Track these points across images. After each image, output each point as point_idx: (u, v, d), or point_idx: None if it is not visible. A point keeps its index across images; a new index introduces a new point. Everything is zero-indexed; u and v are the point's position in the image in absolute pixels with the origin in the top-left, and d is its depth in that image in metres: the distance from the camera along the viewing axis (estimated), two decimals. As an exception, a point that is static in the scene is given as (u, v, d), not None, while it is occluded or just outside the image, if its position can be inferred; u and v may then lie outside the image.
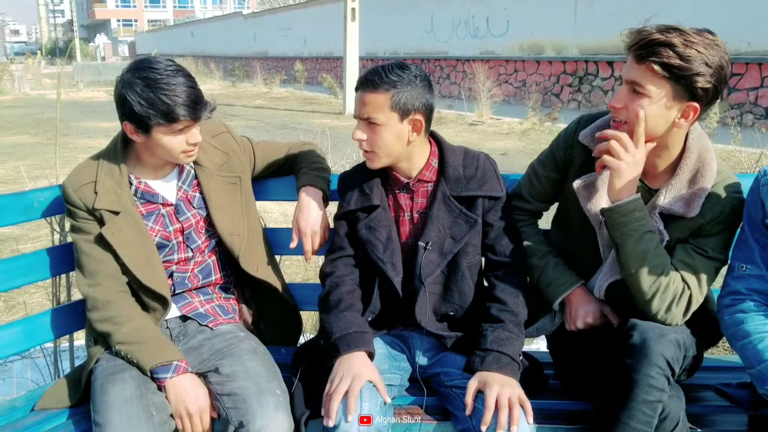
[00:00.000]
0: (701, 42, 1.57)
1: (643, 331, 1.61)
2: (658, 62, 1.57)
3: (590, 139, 1.82)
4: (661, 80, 1.59)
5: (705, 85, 1.58)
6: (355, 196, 1.87)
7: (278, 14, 31.08)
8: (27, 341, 1.98)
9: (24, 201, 1.96)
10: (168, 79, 1.69)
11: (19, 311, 3.74)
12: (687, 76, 1.57)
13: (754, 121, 11.30)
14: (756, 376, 1.61)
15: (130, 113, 1.71)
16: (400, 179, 1.85)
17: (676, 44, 1.56)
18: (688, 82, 1.58)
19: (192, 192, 1.94)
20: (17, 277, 1.95)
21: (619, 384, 1.59)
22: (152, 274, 1.84)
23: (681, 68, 1.56)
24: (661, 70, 1.58)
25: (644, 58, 1.59)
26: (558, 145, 1.93)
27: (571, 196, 1.85)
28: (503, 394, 1.58)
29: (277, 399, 1.69)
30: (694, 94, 1.60)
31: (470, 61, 18.09)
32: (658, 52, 1.57)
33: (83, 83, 25.42)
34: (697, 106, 1.62)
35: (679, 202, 1.72)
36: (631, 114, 1.65)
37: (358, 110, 1.76)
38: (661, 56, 1.57)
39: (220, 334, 1.92)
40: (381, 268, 1.81)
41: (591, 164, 1.80)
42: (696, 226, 1.72)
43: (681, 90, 1.60)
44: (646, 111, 1.62)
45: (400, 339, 1.93)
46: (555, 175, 1.94)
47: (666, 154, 1.74)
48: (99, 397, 1.68)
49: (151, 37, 55.42)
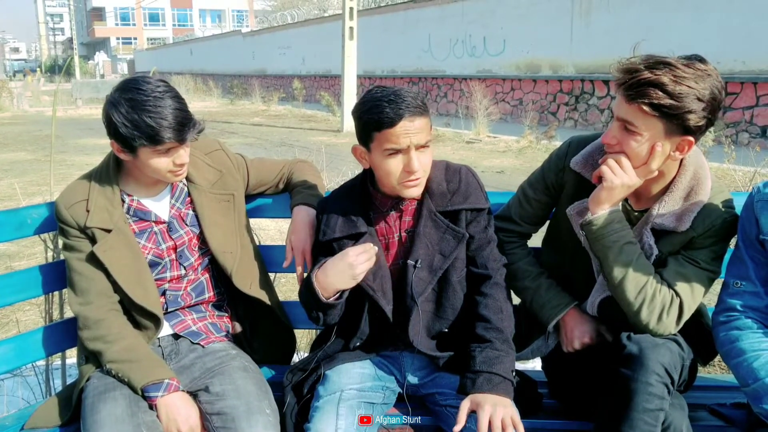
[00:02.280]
0: (692, 76, 1.54)
1: (638, 340, 1.60)
2: (648, 103, 1.55)
3: (581, 166, 1.81)
4: (652, 119, 1.57)
5: (698, 122, 1.57)
6: (339, 223, 1.83)
7: (277, 33, 31.27)
8: (18, 359, 1.97)
9: (17, 218, 1.96)
10: (154, 102, 1.67)
11: (12, 329, 3.71)
12: (679, 115, 1.55)
13: (749, 140, 11.35)
14: (751, 395, 1.60)
15: (116, 133, 1.71)
16: (387, 201, 1.83)
17: (665, 83, 1.53)
18: (681, 120, 1.56)
19: (185, 209, 1.94)
20: (10, 294, 1.95)
21: (618, 395, 1.57)
22: (144, 293, 1.83)
23: (672, 107, 1.54)
24: (652, 111, 1.55)
25: (634, 98, 1.57)
26: (549, 168, 1.92)
27: (564, 220, 1.85)
28: (496, 415, 1.56)
29: (267, 419, 1.68)
30: (687, 128, 1.58)
31: (467, 80, 18.18)
32: (648, 93, 1.54)
33: (82, 101, 25.45)
34: (691, 140, 1.61)
35: (671, 218, 1.72)
36: (625, 149, 1.63)
37: (414, 139, 1.66)
38: (651, 97, 1.54)
39: (212, 352, 1.91)
40: (372, 296, 1.79)
41: (583, 189, 1.79)
42: (687, 240, 1.73)
43: (673, 127, 1.58)
44: (638, 150, 1.61)
45: (390, 359, 1.92)
46: (546, 198, 1.93)
47: (662, 180, 1.74)
48: (89, 415, 1.67)
49: (150, 55, 55.68)
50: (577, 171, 1.82)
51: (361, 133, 1.73)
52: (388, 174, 1.71)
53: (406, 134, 1.65)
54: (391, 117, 1.63)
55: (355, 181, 1.92)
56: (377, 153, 1.70)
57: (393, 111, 1.63)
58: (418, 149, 1.68)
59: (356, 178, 1.92)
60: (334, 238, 1.83)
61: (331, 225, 1.84)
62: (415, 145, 1.67)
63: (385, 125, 1.64)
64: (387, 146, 1.67)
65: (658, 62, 1.56)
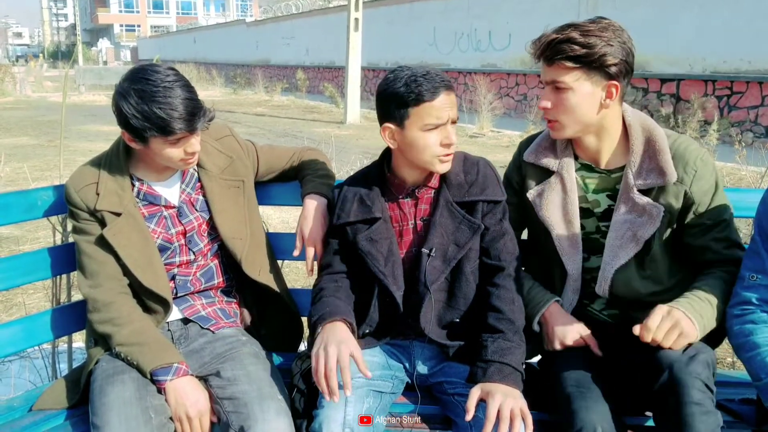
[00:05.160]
0: (596, 28, 1.70)
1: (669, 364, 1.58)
2: (566, 57, 1.70)
3: (534, 156, 1.94)
4: (575, 71, 1.71)
5: (614, 62, 1.70)
6: (354, 208, 1.84)
7: (281, 23, 31.18)
8: (26, 341, 1.97)
9: (27, 199, 1.96)
10: (164, 92, 1.66)
11: (18, 311, 3.72)
12: (595, 59, 1.69)
13: (753, 140, 11.32)
14: (763, 389, 1.60)
15: (126, 124, 1.70)
16: (403, 187, 1.84)
17: (575, 37, 1.68)
18: (599, 64, 1.70)
19: (195, 195, 1.94)
20: (18, 276, 1.95)
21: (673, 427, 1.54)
22: (153, 276, 1.83)
23: (587, 55, 1.69)
24: (572, 63, 1.70)
25: (552, 59, 1.72)
26: (510, 170, 2.03)
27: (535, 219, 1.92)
28: (505, 405, 1.56)
29: (279, 404, 1.68)
30: (608, 73, 1.71)
31: (472, 74, 18.14)
32: (563, 49, 1.70)
33: (85, 87, 25.43)
34: (617, 84, 1.73)
35: (651, 174, 1.78)
36: (561, 111, 1.76)
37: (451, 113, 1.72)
38: (566, 52, 1.70)
39: (222, 337, 1.91)
40: (382, 281, 1.79)
41: (542, 176, 1.92)
42: (681, 193, 1.77)
43: (595, 73, 1.72)
44: (572, 102, 1.74)
45: (400, 348, 1.92)
46: (515, 199, 1.98)
47: (607, 136, 1.83)
48: (98, 398, 1.67)
49: (154, 42, 55.57)
50: (530, 162, 1.94)
51: (395, 110, 1.72)
52: (425, 148, 1.72)
53: (446, 107, 1.70)
54: (432, 91, 1.67)
55: (371, 168, 1.92)
56: (414, 129, 1.71)
57: (432, 85, 1.68)
58: (452, 123, 1.73)
59: (372, 164, 1.92)
60: (348, 222, 1.84)
61: (345, 209, 1.85)
62: (452, 118, 1.72)
63: (425, 99, 1.67)
64: (427, 120, 1.70)
65: (563, 26, 1.74)
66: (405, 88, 1.68)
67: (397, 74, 1.72)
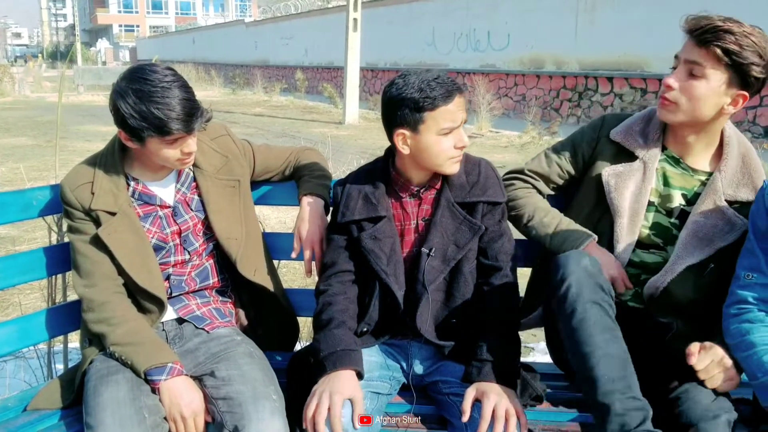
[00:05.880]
0: (757, 33, 1.65)
1: (696, 419, 1.58)
2: (721, 47, 1.63)
3: (622, 136, 1.89)
4: (721, 65, 1.66)
5: (759, 75, 1.65)
6: (359, 205, 1.83)
7: (280, 23, 31.18)
8: (21, 340, 1.97)
9: (23, 199, 1.95)
10: (162, 92, 1.65)
11: (14, 311, 3.72)
12: (744, 64, 1.64)
13: (752, 140, 11.33)
14: (759, 388, 1.59)
15: (123, 123, 1.69)
16: (408, 187, 1.84)
17: (736, 32, 1.63)
18: (744, 70, 1.64)
19: (190, 194, 1.93)
20: (14, 276, 1.94)
21: None
22: (148, 276, 1.83)
23: (739, 55, 1.63)
24: (723, 55, 1.64)
25: (707, 42, 1.65)
26: (582, 138, 1.97)
27: (593, 190, 1.89)
28: (500, 405, 1.57)
29: (273, 404, 1.67)
30: (746, 82, 1.67)
31: (471, 74, 18.14)
32: (722, 37, 1.63)
33: (83, 87, 25.43)
34: (746, 95, 1.69)
35: (743, 189, 1.77)
36: (685, 95, 1.70)
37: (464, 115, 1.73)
38: (725, 41, 1.63)
39: (217, 337, 1.90)
40: (384, 280, 1.79)
41: (622, 159, 1.88)
42: None
43: (735, 77, 1.66)
44: (700, 91, 1.68)
45: (397, 348, 1.91)
46: (568, 166, 1.97)
47: (706, 137, 1.80)
48: (91, 398, 1.66)
49: (153, 42, 55.55)
50: (617, 141, 1.89)
51: (408, 115, 1.70)
52: (441, 152, 1.73)
53: (460, 110, 1.71)
54: (447, 95, 1.68)
55: (375, 165, 1.91)
56: (429, 134, 1.71)
57: (446, 89, 1.68)
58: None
59: (376, 161, 1.91)
60: (353, 220, 1.83)
61: (350, 207, 1.84)
62: (464, 120, 1.74)
63: (441, 103, 1.68)
64: (443, 125, 1.70)
65: (728, 18, 1.67)
66: (419, 93, 1.67)
67: (406, 80, 1.70)
